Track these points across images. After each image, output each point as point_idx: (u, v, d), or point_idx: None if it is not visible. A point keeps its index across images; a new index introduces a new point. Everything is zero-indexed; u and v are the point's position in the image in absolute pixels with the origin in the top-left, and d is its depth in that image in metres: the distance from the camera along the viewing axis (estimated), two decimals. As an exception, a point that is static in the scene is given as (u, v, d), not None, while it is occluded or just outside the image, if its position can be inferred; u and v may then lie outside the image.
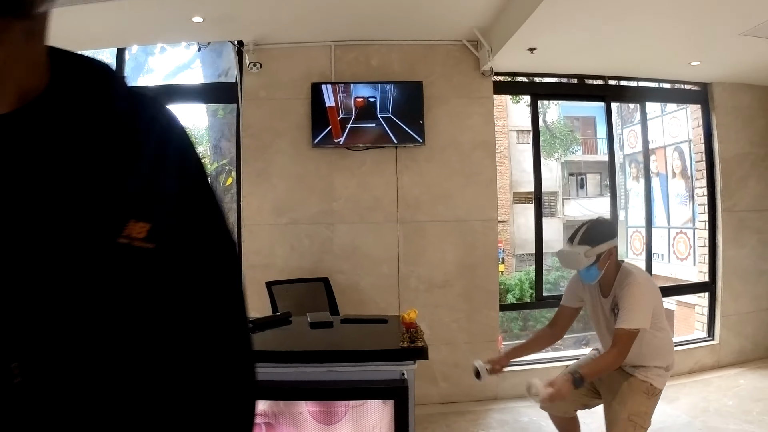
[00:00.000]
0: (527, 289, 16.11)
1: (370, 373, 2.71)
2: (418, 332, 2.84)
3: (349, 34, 5.62)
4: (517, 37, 4.94)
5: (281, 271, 5.46)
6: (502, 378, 5.58)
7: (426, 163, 5.67)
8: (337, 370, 2.70)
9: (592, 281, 3.45)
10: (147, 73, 9.27)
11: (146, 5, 4.84)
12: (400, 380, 2.69)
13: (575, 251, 3.35)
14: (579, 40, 5.24)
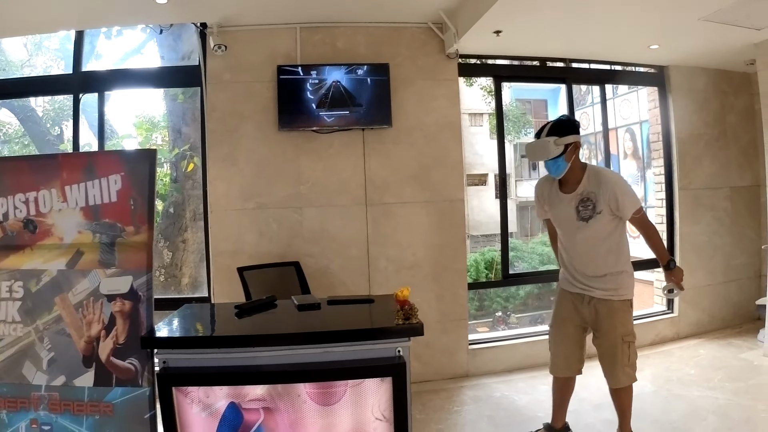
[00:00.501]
0: (483, 270, 16.27)
1: (366, 352, 2.73)
2: (412, 309, 2.86)
3: (315, 16, 5.58)
4: (484, 20, 4.97)
5: (251, 257, 5.41)
6: (472, 355, 5.72)
7: (393, 145, 5.68)
8: (334, 350, 2.71)
9: (560, 173, 3.66)
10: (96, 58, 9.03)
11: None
12: (396, 357, 2.72)
13: (545, 140, 3.59)
14: (543, 24, 5.29)
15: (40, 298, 3.33)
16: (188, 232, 8.07)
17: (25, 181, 3.46)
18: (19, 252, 3.42)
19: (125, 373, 3.14)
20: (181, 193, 8.20)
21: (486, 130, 20.53)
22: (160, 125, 9.89)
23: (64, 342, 3.26)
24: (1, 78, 9.25)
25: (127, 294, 3.19)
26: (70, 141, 9.39)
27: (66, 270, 3.32)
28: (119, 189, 3.32)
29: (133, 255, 3.24)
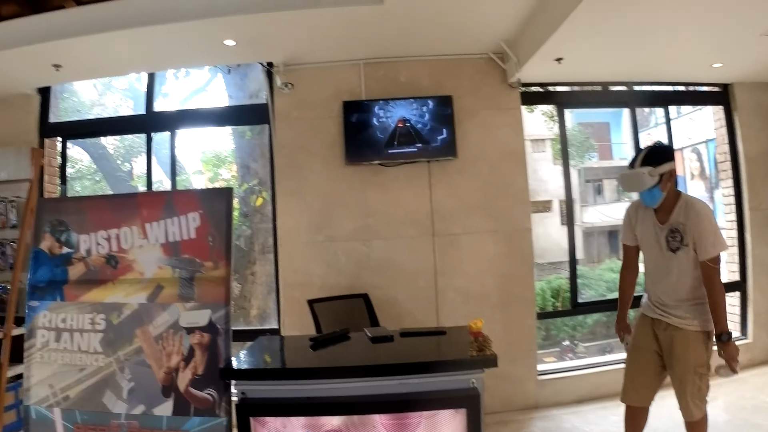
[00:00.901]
0: (549, 298, 16.04)
1: (440, 384, 2.75)
2: (486, 341, 2.87)
3: (378, 52, 5.68)
4: (545, 49, 4.98)
5: (319, 289, 5.50)
6: (541, 386, 5.64)
7: (458, 175, 5.71)
8: (408, 382, 2.74)
9: (655, 203, 3.54)
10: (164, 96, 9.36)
11: (180, 30, 4.93)
12: (471, 389, 2.73)
13: (639, 172, 3.47)
14: (604, 49, 5.27)
15: (121, 330, 3.48)
16: (257, 265, 8.23)
17: (107, 219, 3.63)
18: (101, 286, 3.58)
19: (203, 403, 3.23)
20: (250, 226, 8.38)
21: (549, 156, 20.37)
22: (228, 161, 10.14)
23: (144, 372, 3.38)
24: (76, 119, 9.59)
25: (205, 327, 3.29)
26: (139, 177, 9.69)
27: (147, 303, 3.46)
28: (197, 226, 3.44)
29: (211, 289, 3.35)
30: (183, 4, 4.78)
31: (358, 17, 4.83)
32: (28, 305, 3.72)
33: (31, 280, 3.75)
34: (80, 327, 3.55)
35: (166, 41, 5.24)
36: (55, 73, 5.69)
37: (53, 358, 3.59)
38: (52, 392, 3.54)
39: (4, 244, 5.85)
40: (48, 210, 3.86)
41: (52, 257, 3.73)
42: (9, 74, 5.70)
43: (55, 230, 3.75)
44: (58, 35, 5.01)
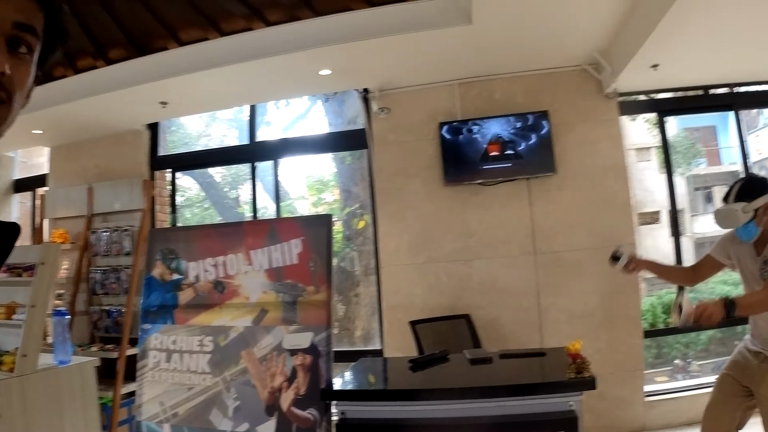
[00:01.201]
0: (660, 315, 15.49)
1: (538, 406, 2.72)
2: (584, 362, 2.83)
3: (471, 71, 5.70)
4: (639, 56, 4.84)
5: (421, 310, 5.51)
6: (649, 407, 5.45)
7: (558, 192, 5.63)
8: (506, 404, 2.72)
9: (751, 239, 3.36)
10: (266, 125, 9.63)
11: (278, 63, 5.14)
12: (569, 411, 2.69)
13: (732, 208, 3.30)
14: (702, 52, 5.09)
15: (227, 352, 3.64)
16: (360, 287, 8.34)
17: (213, 247, 3.81)
18: (209, 310, 3.76)
19: (305, 423, 3.33)
20: (353, 249, 8.52)
21: (654, 165, 19.71)
22: (330, 185, 10.34)
23: (249, 392, 3.53)
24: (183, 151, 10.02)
25: (308, 349, 3.39)
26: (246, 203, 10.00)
27: (252, 327, 3.60)
28: (300, 252, 3.57)
29: (313, 312, 3.46)
30: (278, 39, 4.99)
31: (448, 38, 4.87)
32: (141, 328, 3.96)
33: (143, 305, 3.98)
34: (189, 348, 3.74)
35: (264, 75, 5.47)
36: (162, 110, 6.06)
37: (164, 378, 3.80)
38: (162, 409, 3.75)
39: (119, 270, 6.21)
40: (159, 239, 4.09)
41: (163, 283, 3.94)
42: (120, 113, 6.10)
43: (165, 258, 3.96)
44: (163, 75, 5.34)
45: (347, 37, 4.82)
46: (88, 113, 6.03)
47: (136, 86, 5.42)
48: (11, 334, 4.05)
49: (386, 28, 4.74)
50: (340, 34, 4.84)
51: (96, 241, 6.38)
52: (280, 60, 5.06)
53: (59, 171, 7.10)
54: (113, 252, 6.27)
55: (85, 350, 5.72)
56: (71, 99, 5.67)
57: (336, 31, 4.85)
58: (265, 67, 5.23)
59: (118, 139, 6.68)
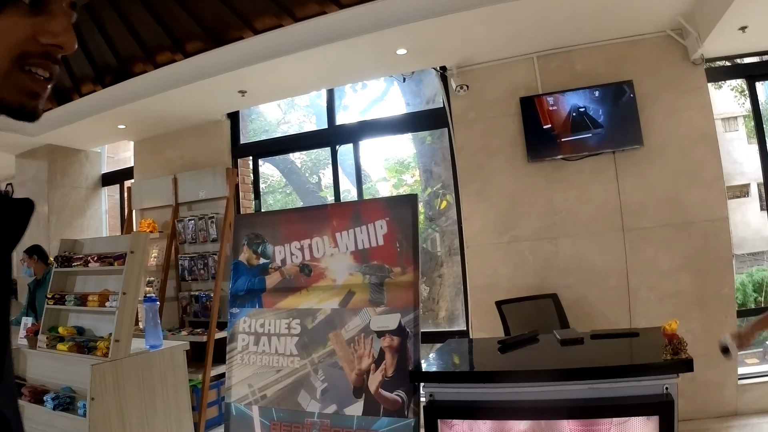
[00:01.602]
0: (751, 293, 14.92)
1: (632, 389, 2.60)
2: (681, 343, 2.70)
3: (550, 43, 5.56)
4: (726, 18, 4.59)
5: (507, 290, 5.43)
6: (741, 391, 5.23)
7: (646, 165, 5.43)
8: (598, 386, 2.62)
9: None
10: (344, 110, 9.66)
11: (354, 45, 5.14)
12: (664, 395, 2.57)
13: None
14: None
15: (315, 334, 3.66)
16: (444, 267, 8.31)
17: (299, 231, 3.83)
18: (296, 293, 3.78)
19: (392, 405, 3.31)
20: (435, 229, 8.49)
21: (743, 135, 18.91)
22: (410, 166, 10.32)
23: (337, 374, 3.53)
24: (264, 138, 10.17)
25: (395, 330, 3.37)
26: (327, 187, 10.05)
27: (339, 309, 3.60)
28: (385, 233, 3.54)
29: (400, 294, 3.43)
30: (352, 21, 4.98)
31: (525, 10, 4.76)
32: (230, 312, 4.01)
33: (232, 289, 4.04)
34: (277, 331, 3.78)
35: (340, 58, 5.48)
36: (241, 99, 6.15)
37: (252, 360, 3.85)
38: (251, 391, 3.81)
39: (206, 257, 6.35)
40: (245, 225, 4.13)
41: (250, 268, 3.98)
42: (200, 104, 6.21)
43: (252, 243, 4.00)
44: (241, 63, 5.42)
45: (422, 14, 4.77)
46: (170, 106, 6.18)
47: (214, 77, 5.53)
48: (105, 321, 4.20)
49: (461, 3, 4.66)
50: (415, 12, 4.80)
51: (183, 229, 6.54)
52: (355, 42, 5.05)
53: (144, 163, 7.31)
54: (200, 239, 6.42)
55: (174, 335, 5.87)
56: (152, 93, 5.85)
57: (410, 10, 4.81)
58: (340, 50, 5.23)
59: (199, 129, 6.82)
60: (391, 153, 10.83)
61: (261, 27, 5.32)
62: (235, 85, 5.80)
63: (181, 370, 4.40)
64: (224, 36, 5.46)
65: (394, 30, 4.86)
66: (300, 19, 5.17)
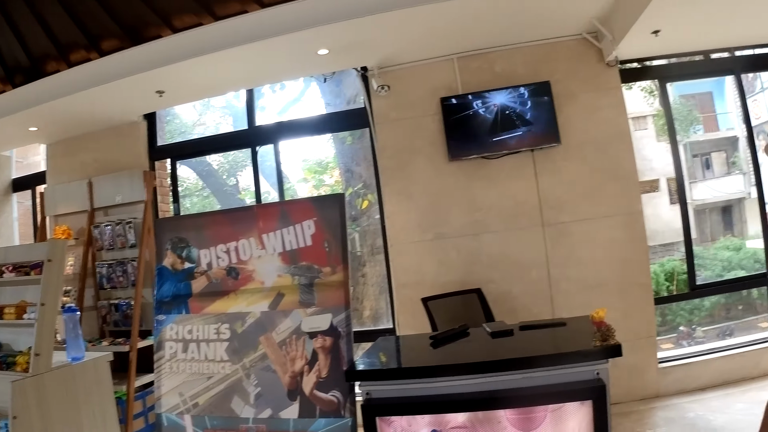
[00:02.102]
0: (663, 282, 15.52)
1: (564, 376, 2.70)
2: (609, 330, 2.83)
3: (471, 45, 5.66)
4: (640, 22, 4.81)
5: (432, 287, 5.49)
6: (662, 374, 5.48)
7: (564, 162, 5.60)
8: (532, 375, 2.70)
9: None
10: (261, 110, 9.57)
11: (275, 45, 5.08)
12: (597, 380, 2.67)
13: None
14: (703, 15, 5.01)
15: (246, 338, 3.62)
16: (367, 267, 8.32)
17: (224, 233, 3.77)
18: (224, 297, 3.73)
19: (328, 405, 3.30)
20: (357, 229, 8.49)
21: (651, 133, 19.67)
22: (330, 166, 10.30)
23: (270, 378, 3.50)
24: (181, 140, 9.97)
25: (327, 330, 3.36)
26: (245, 190, 9.92)
27: (269, 311, 3.57)
28: (313, 233, 3.53)
29: (331, 293, 3.42)
30: (274, 20, 4.94)
31: (446, 12, 4.81)
32: (156, 319, 3.91)
33: (156, 296, 3.94)
34: (206, 337, 3.71)
35: (261, 57, 5.42)
36: (159, 99, 6.00)
37: (182, 368, 3.77)
38: (182, 400, 3.73)
39: (125, 263, 6.17)
40: (168, 228, 4.05)
41: (175, 273, 3.90)
42: (116, 105, 6.04)
43: (176, 247, 3.93)
44: (159, 63, 5.28)
45: (344, 15, 4.77)
46: (84, 107, 5.96)
47: (131, 76, 5.35)
48: (23, 334, 4.02)
49: (384, 4, 4.69)
50: (337, 12, 4.79)
51: (99, 235, 6.33)
52: (276, 42, 5.00)
53: (57, 167, 7.03)
54: (118, 245, 6.23)
55: (95, 345, 5.68)
56: (66, 94, 5.61)
57: (332, 9, 4.80)
58: (262, 50, 5.17)
59: (115, 131, 6.62)
60: (310, 154, 10.78)
61: (180, 25, 5.21)
62: (153, 85, 5.64)
63: (106, 383, 4.26)
64: (142, 34, 5.32)
65: (316, 30, 4.84)
66: (221, 17, 5.09)
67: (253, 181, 6.61)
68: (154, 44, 5.32)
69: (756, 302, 15.87)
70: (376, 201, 6.13)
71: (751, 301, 16.22)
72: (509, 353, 3.08)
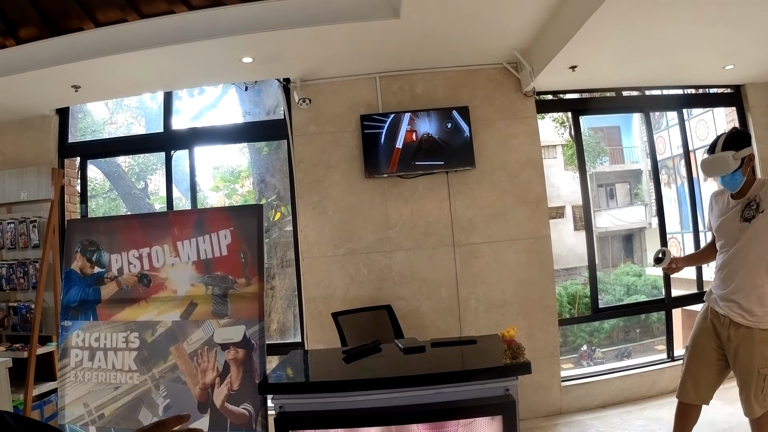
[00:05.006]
0: (566, 305, 16.02)
1: (475, 392, 2.78)
2: (519, 348, 2.91)
3: (394, 65, 5.74)
4: (559, 57, 5.03)
5: (342, 301, 5.54)
6: (565, 392, 5.67)
7: (477, 185, 5.75)
8: (444, 391, 2.76)
9: (736, 187, 3.54)
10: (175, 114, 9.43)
11: (200, 49, 4.99)
12: (507, 395, 2.77)
13: (723, 156, 3.47)
14: (618, 55, 5.29)
15: (155, 348, 3.52)
16: (276, 279, 8.27)
17: (138, 238, 3.68)
18: (134, 305, 3.62)
19: (240, 419, 3.27)
20: (268, 241, 8.43)
21: (560, 162, 20.40)
22: (243, 176, 10.21)
23: (180, 389, 3.42)
24: (92, 138, 9.68)
25: (240, 342, 3.33)
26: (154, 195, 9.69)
27: (181, 321, 3.50)
28: (229, 243, 3.49)
29: (245, 305, 3.39)
30: (200, 24, 4.85)
31: (374, 32, 4.88)
32: (61, 325, 3.77)
33: (63, 300, 3.80)
34: (114, 346, 3.60)
35: (184, 60, 5.30)
36: (74, 94, 5.76)
37: (87, 377, 3.64)
38: (87, 411, 3.59)
39: (27, 264, 5.90)
40: (79, 230, 3.91)
41: (84, 277, 3.78)
42: (29, 96, 5.78)
43: (86, 250, 3.81)
44: (77, 57, 5.08)
45: (272, 25, 4.75)
46: (-6, 96, 5.71)
47: (48, 68, 5.15)
48: None
49: (312, 17, 4.71)
50: (265, 21, 4.76)
51: (1, 233, 6.07)
52: (201, 46, 4.91)
53: (-43, 159, 6.70)
54: (20, 245, 5.96)
55: (-9, 349, 5.44)
56: (-27, 80, 5.36)
57: (260, 19, 4.76)
58: (185, 53, 5.07)
59: (24, 124, 6.32)
60: (223, 162, 10.67)
61: (104, 19, 5.03)
62: (69, 79, 5.42)
63: (4, 390, 4.11)
64: (63, 24, 5.11)
65: (241, 38, 4.80)
66: (146, 15, 4.95)
67: (165, 187, 6.43)
68: (74, 36, 5.09)
69: (653, 325, 16.61)
70: (289, 213, 6.10)
71: (649, 324, 16.98)
72: (422, 369, 3.12)
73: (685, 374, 3.79)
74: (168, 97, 6.50)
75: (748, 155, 3.49)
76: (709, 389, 3.72)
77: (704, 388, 3.72)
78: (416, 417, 2.75)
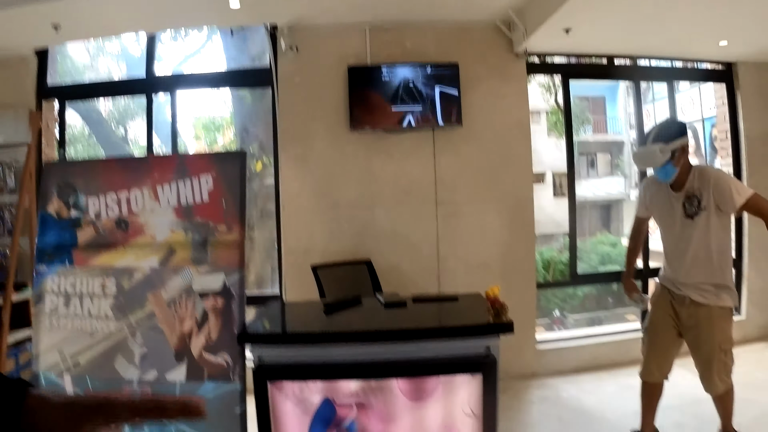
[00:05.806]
0: (540, 270, 16.10)
1: (456, 349, 2.75)
2: (502, 307, 2.91)
3: (384, 16, 5.60)
4: (555, 18, 4.92)
5: (322, 255, 5.48)
6: (539, 355, 5.72)
7: (463, 144, 5.69)
8: (426, 347, 2.74)
9: (668, 179, 3.57)
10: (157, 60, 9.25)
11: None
12: (488, 354, 2.74)
13: (651, 149, 3.47)
14: (613, 22, 5.24)
15: (132, 295, 3.42)
16: (255, 231, 8.20)
17: (116, 181, 3.56)
18: (112, 250, 3.51)
19: (217, 369, 3.21)
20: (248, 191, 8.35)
21: (543, 128, 20.37)
22: (223, 126, 10.08)
23: (157, 337, 3.33)
24: (72, 83, 9.46)
25: (219, 291, 3.26)
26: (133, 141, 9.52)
27: (159, 268, 3.41)
28: (210, 189, 3.39)
29: (225, 253, 3.31)
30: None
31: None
32: (36, 270, 3.66)
33: (38, 244, 3.68)
34: (90, 292, 3.50)
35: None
36: (54, 34, 5.54)
37: (63, 324, 3.53)
38: (62, 358, 3.49)
39: (2, 209, 5.77)
40: (56, 173, 3.78)
41: (60, 220, 3.66)
42: (7, 35, 5.56)
43: (62, 193, 3.69)
44: (58, -7, 4.89)
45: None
46: (-32, 34, 5.51)
47: (26, 5, 4.95)
48: None
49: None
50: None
51: (-25, 176, 5.92)
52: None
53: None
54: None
55: (-37, 296, 5.31)
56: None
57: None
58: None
59: (2, 64, 6.13)
60: (205, 111, 10.52)
61: (88, -47, 4.88)
62: (50, 17, 5.20)
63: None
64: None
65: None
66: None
67: (145, 132, 6.28)
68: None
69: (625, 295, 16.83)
70: (271, 164, 6.01)
71: (621, 293, 17.17)
72: (403, 324, 3.10)
73: (650, 354, 3.86)
74: (151, 42, 6.33)
75: (679, 147, 3.47)
76: (670, 366, 3.84)
77: (666, 366, 3.83)
78: (396, 371, 2.72)
